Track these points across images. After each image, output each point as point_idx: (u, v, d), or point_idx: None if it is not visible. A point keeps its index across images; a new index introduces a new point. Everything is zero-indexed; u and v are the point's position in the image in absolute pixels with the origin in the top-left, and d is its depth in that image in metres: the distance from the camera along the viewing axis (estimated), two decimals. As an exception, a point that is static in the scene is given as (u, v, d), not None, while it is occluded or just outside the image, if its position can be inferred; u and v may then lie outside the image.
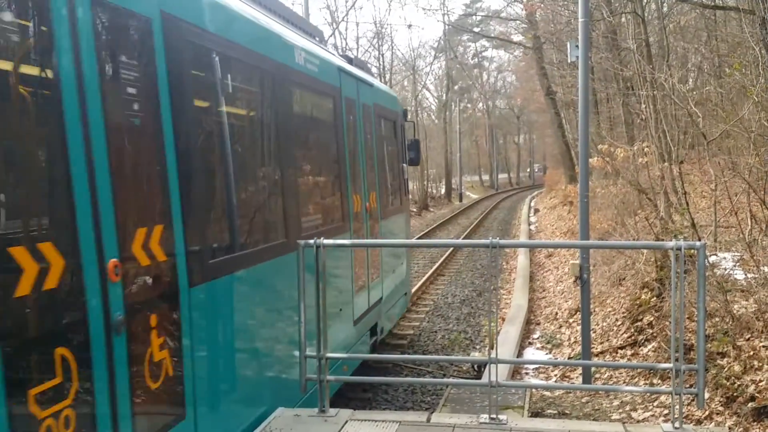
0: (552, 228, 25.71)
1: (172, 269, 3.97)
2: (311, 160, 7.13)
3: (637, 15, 15.43)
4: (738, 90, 10.63)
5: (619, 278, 12.54)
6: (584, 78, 9.07)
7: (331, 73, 7.53)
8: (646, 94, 12.52)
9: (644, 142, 12.69)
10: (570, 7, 21.57)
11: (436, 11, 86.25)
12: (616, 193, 14.63)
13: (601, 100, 23.29)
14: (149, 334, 3.74)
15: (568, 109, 29.50)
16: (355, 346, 7.91)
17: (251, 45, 5.32)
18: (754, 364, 6.47)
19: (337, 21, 37.75)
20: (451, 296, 15.61)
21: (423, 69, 56.03)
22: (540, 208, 35.84)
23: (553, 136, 38.30)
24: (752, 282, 8.00)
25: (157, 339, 3.78)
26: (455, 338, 11.94)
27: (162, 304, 3.92)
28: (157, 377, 3.78)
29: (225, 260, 4.70)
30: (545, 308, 14.31)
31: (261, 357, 5.41)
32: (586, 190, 9.14)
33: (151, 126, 3.91)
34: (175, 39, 4.09)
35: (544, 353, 11.24)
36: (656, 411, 7.14)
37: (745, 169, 8.88)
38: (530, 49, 35.13)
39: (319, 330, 5.32)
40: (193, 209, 4.24)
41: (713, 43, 15.57)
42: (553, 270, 18.01)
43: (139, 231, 3.67)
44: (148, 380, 3.70)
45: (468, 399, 7.16)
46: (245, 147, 5.56)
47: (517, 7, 36.46)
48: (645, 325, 9.72)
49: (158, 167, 3.92)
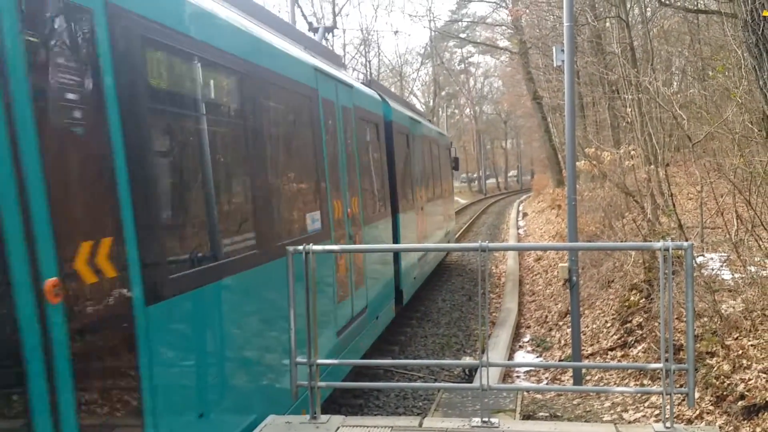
0: (540, 232, 25.78)
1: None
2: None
3: (621, 19, 15.56)
4: (721, 92, 10.73)
5: (608, 280, 12.60)
6: (570, 82, 9.14)
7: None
8: (632, 98, 12.62)
9: (630, 145, 12.80)
10: (555, 12, 21.72)
11: (422, 18, 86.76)
12: (603, 196, 14.73)
13: (587, 104, 23.43)
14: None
15: (555, 114, 29.66)
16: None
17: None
18: (743, 363, 6.52)
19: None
20: (441, 300, 15.62)
21: (410, 75, 56.31)
22: (528, 212, 35.93)
23: (540, 141, 38.46)
24: (739, 282, 8.06)
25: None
26: (446, 343, 11.95)
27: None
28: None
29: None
30: (535, 311, 14.35)
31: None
32: (573, 193, 9.19)
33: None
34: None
35: (534, 356, 11.27)
36: (647, 411, 7.17)
37: (730, 171, 8.95)
38: (516, 55, 35.34)
39: (309, 336, 5.31)
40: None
41: (696, 47, 15.72)
42: (543, 273, 18.07)
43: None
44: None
45: (460, 403, 7.17)
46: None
47: (503, 12, 36.73)
48: (634, 326, 9.77)
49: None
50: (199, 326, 4.49)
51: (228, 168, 5.39)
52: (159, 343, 3.88)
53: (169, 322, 4.03)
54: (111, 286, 3.49)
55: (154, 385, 3.75)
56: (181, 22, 4.51)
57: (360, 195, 8.93)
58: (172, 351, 4.09)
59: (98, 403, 3.32)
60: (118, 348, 3.56)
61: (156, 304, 3.83)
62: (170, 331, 4.07)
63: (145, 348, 3.69)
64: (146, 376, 3.69)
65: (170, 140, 4.47)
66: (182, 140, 4.62)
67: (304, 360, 5.33)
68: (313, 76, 7.29)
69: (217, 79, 5.31)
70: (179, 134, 4.61)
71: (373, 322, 9.31)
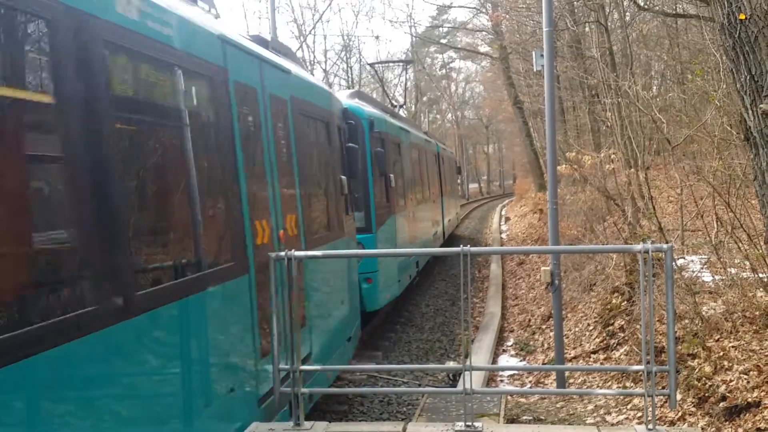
0: (523, 236, 25.88)
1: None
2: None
3: (601, 24, 15.66)
4: (700, 96, 10.84)
5: (590, 284, 12.66)
6: (550, 87, 9.18)
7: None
8: (611, 102, 12.70)
9: (611, 148, 12.88)
10: (535, 17, 21.82)
11: (403, 23, 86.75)
12: (584, 200, 14.80)
13: (567, 109, 23.58)
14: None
15: (536, 118, 29.80)
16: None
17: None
18: (724, 365, 6.56)
19: (304, 34, 37.83)
20: (424, 305, 15.61)
21: (391, 81, 56.26)
22: (511, 217, 36.06)
23: (521, 145, 38.62)
24: (720, 283, 8.13)
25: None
26: (430, 348, 11.95)
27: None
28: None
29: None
30: (518, 315, 14.39)
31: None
32: (555, 197, 9.22)
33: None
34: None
35: (518, 360, 11.29)
36: (630, 414, 7.20)
37: (710, 173, 9.03)
38: (497, 60, 35.46)
39: (293, 342, 5.28)
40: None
41: (675, 51, 15.89)
42: (525, 277, 18.13)
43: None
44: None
45: (444, 408, 7.16)
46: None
47: (483, 18, 36.88)
48: (617, 329, 9.82)
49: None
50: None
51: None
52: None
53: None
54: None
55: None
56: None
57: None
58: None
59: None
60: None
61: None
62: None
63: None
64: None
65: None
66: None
67: (287, 366, 5.30)
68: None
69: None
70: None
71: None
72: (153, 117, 4.60)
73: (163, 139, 4.70)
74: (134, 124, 4.33)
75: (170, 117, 4.69)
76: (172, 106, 4.66)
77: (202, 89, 5.07)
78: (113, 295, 3.64)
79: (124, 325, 3.69)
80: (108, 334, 3.54)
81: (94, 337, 3.42)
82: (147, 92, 4.51)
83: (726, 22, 5.05)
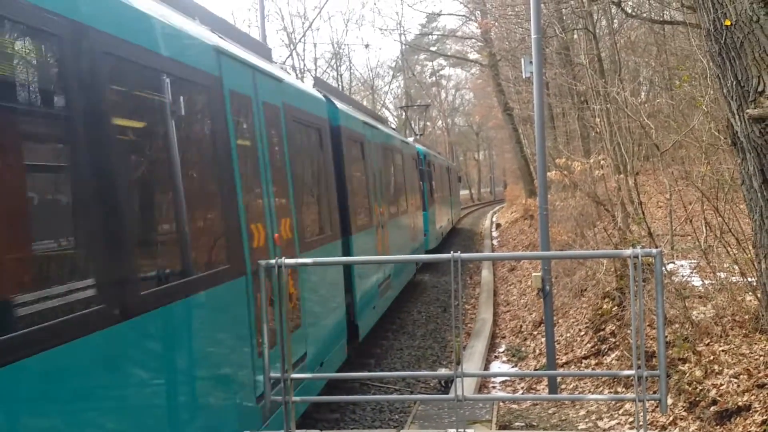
0: (514, 242, 25.94)
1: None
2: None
3: (589, 31, 15.77)
4: (688, 101, 10.92)
5: (581, 289, 12.69)
6: (539, 93, 9.22)
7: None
8: (600, 108, 12.78)
9: (600, 154, 12.96)
10: (523, 24, 21.93)
11: (392, 31, 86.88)
12: (575, 206, 14.86)
13: (557, 115, 23.68)
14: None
15: (526, 125, 29.91)
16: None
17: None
18: (715, 369, 6.59)
19: (294, 42, 37.88)
20: (416, 312, 15.60)
21: (382, 88, 56.48)
22: (501, 223, 36.14)
23: (511, 152, 38.76)
24: (709, 288, 8.16)
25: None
26: (422, 355, 11.93)
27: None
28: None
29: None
30: (510, 321, 14.39)
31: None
32: (545, 203, 9.25)
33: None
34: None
35: (510, 366, 11.29)
36: (622, 419, 7.21)
37: (698, 178, 9.08)
38: (486, 67, 35.60)
39: (283, 350, 5.27)
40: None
41: (663, 57, 16.01)
42: (516, 283, 18.15)
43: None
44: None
45: (436, 415, 7.15)
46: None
47: (473, 25, 36.99)
48: (607, 334, 9.84)
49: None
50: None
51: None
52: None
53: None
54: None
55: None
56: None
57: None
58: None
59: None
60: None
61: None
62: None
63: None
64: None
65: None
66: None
67: (277, 375, 5.28)
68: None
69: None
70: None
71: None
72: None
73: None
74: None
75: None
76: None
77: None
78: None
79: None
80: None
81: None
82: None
83: (712, 29, 5.09)
